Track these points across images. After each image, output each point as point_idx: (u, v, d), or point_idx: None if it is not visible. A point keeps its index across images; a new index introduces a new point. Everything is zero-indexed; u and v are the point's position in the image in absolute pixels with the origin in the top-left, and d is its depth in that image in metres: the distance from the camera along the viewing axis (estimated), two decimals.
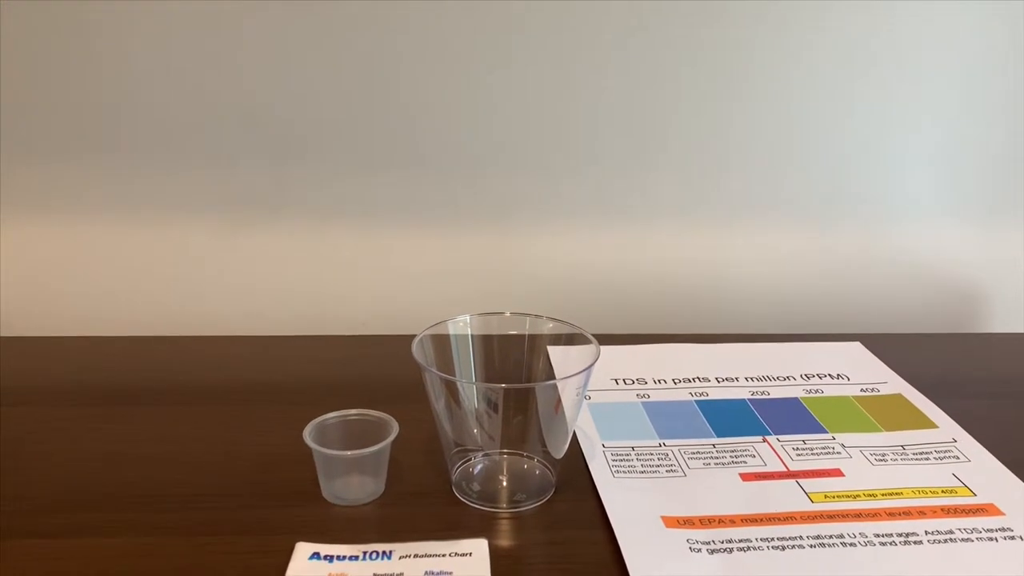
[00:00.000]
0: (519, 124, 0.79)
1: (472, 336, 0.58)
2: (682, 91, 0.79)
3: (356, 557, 0.48)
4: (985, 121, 0.82)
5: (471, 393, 0.53)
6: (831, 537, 0.51)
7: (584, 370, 0.52)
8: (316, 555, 0.48)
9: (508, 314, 0.58)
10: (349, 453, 0.52)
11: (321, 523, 0.52)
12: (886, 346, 0.77)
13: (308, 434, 0.53)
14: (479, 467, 0.56)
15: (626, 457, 0.59)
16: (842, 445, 0.61)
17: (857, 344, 0.78)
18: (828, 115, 0.81)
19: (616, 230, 0.84)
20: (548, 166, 0.81)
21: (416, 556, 0.48)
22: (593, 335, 0.56)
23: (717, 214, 0.84)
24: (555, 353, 0.58)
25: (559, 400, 0.54)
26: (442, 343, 0.57)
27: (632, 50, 0.78)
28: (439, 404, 0.53)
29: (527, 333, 0.58)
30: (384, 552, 0.49)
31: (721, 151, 0.82)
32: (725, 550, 0.49)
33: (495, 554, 0.49)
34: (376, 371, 0.71)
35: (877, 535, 0.51)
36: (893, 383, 0.71)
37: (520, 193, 0.82)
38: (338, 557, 0.48)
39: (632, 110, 0.80)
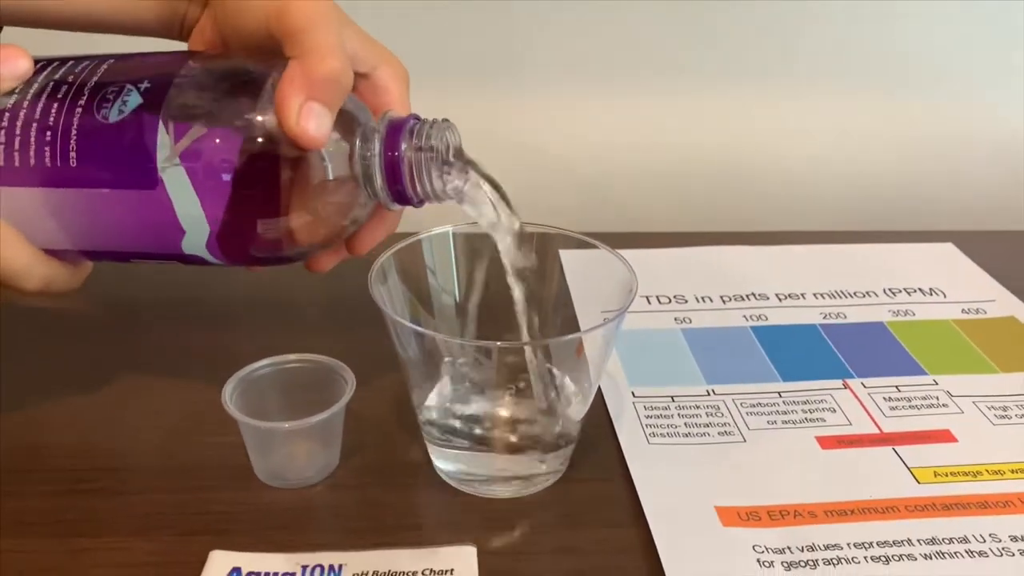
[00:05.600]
0: None
1: (455, 253, 0.42)
2: None
3: (292, 575, 0.35)
4: None
5: (454, 350, 0.39)
6: (951, 541, 0.37)
7: (616, 315, 0.37)
8: (236, 572, 0.34)
9: None
10: (287, 425, 0.37)
11: (249, 517, 0.38)
12: (986, 248, 0.61)
13: (229, 395, 0.38)
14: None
15: (664, 412, 0.44)
16: (948, 393, 0.46)
17: (950, 246, 0.62)
18: None
19: (650, 97, 0.66)
20: (568, 15, 0.63)
21: (376, 575, 0.35)
22: (622, 234, 0.40)
23: (777, 81, 0.66)
24: (570, 260, 0.43)
25: (580, 344, 0.39)
26: (413, 258, 0.41)
27: None
28: (408, 352, 0.38)
29: (534, 251, 0.42)
30: (332, 567, 0.35)
31: (788, 5, 0.63)
32: (807, 563, 0.36)
33: (485, 564, 0.35)
34: (326, 280, 0.56)
35: (1015, 538, 0.37)
36: (1003, 301, 0.55)
37: (529, 46, 0.64)
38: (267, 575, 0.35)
39: None
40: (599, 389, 0.44)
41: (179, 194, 0.33)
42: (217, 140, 0.33)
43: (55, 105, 0.34)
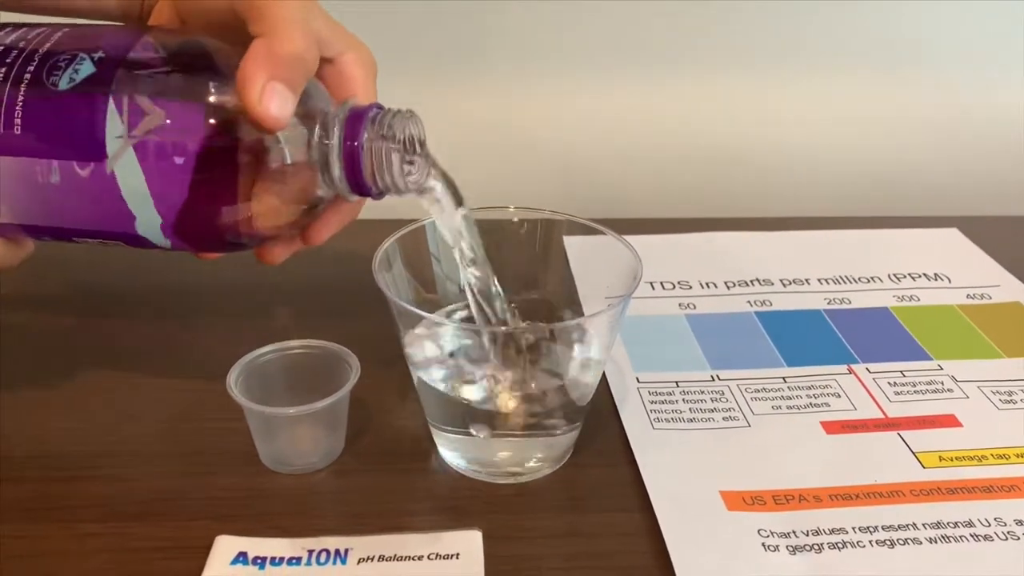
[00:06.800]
0: None
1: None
2: None
3: (298, 560, 0.35)
4: None
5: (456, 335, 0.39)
6: (956, 525, 0.37)
7: (621, 301, 0.37)
8: (242, 557, 0.35)
9: (512, 208, 0.42)
10: (292, 410, 0.37)
11: (254, 503, 0.38)
12: (991, 234, 0.61)
13: (234, 381, 0.38)
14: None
15: (669, 398, 0.44)
16: (953, 378, 0.46)
17: (954, 231, 0.62)
18: None
19: (652, 83, 0.66)
20: (567, 1, 0.62)
21: (382, 559, 0.35)
22: (624, 221, 0.40)
23: (780, 66, 0.66)
24: (574, 246, 0.43)
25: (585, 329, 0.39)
26: (417, 244, 0.41)
27: None
28: (412, 337, 0.38)
29: (538, 237, 0.42)
30: (337, 552, 0.35)
31: None
32: (812, 547, 0.36)
33: (491, 549, 0.35)
34: (330, 267, 0.56)
35: (1020, 522, 0.37)
36: (1008, 286, 0.55)
37: (525, 33, 0.64)
38: (272, 561, 0.35)
39: None
40: (603, 375, 0.44)
41: (130, 173, 0.32)
42: (171, 120, 0.32)
43: (2, 70, 0.33)
